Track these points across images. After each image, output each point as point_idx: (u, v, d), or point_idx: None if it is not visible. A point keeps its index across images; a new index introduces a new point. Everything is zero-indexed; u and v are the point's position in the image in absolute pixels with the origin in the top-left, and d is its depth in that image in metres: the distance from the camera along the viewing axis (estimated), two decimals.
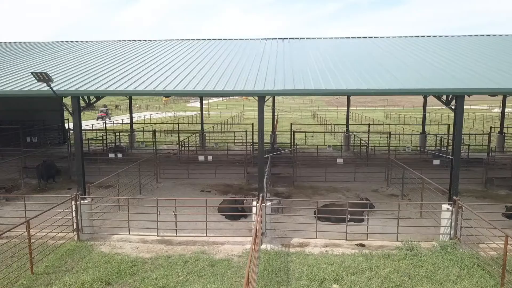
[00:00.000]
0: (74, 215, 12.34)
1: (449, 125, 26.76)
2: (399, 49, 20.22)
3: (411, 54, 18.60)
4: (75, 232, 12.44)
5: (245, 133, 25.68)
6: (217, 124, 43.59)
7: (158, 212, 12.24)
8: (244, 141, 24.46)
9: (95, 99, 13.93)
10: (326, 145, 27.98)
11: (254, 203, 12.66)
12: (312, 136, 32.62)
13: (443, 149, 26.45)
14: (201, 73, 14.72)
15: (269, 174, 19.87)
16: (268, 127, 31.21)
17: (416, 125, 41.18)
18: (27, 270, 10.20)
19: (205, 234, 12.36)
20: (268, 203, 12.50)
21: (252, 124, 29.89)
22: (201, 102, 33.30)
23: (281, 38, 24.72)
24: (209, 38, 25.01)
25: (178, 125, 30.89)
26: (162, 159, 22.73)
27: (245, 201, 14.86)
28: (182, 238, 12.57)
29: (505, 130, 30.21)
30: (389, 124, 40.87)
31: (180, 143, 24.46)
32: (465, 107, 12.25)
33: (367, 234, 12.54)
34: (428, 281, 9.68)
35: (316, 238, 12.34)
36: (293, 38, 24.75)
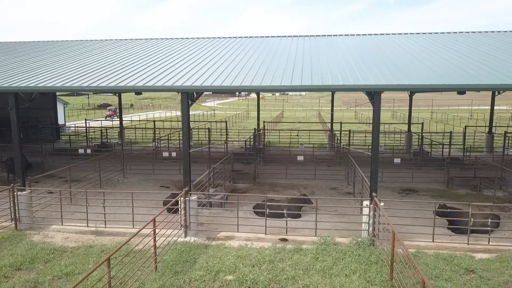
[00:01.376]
0: (11, 205, 13.01)
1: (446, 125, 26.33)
2: (432, 44, 19.74)
3: (445, 49, 18.21)
4: (13, 222, 13.12)
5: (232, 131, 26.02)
6: (218, 122, 44.11)
7: (88, 204, 12.77)
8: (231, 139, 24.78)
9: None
10: (302, 143, 28.04)
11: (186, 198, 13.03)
12: (297, 135, 32.68)
13: (424, 147, 26.17)
14: (220, 69, 14.92)
15: (230, 171, 20.26)
16: (283, 126, 31.50)
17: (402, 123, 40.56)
18: None
19: (136, 226, 12.79)
20: (194, 197, 12.84)
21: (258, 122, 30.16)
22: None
23: (307, 36, 24.24)
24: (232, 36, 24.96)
25: (151, 124, 31.51)
26: (130, 155, 23.35)
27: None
28: (113, 229, 13.07)
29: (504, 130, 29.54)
30: (388, 123, 40.40)
31: (157, 140, 25.03)
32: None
33: (286, 228, 12.73)
34: (321, 274, 9.84)
35: (238, 231, 12.63)
36: (319, 35, 24.34)
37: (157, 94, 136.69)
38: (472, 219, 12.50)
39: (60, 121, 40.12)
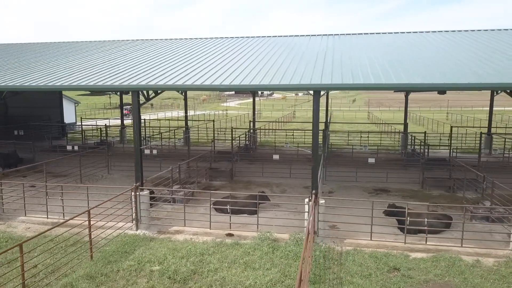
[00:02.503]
0: None
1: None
2: (466, 42, 19.46)
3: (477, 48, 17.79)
4: None
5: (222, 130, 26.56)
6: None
7: (47, 197, 13.55)
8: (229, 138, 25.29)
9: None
10: (287, 143, 28.25)
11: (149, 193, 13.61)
12: (293, 135, 32.84)
13: (416, 148, 25.89)
14: (250, 68, 15.17)
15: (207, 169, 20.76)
16: (295, 126, 31.91)
17: (396, 123, 39.94)
18: None
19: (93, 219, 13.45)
20: (145, 192, 13.40)
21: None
22: (185, 100, 34.49)
23: (337, 34, 23.99)
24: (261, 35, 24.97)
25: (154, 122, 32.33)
26: (117, 153, 24.17)
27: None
28: (75, 221, 13.76)
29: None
30: (389, 123, 39.97)
31: (147, 138, 25.81)
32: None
33: (230, 224, 13.09)
34: (243, 267, 10.19)
35: (185, 226, 13.11)
36: (349, 34, 24.08)
37: (179, 94, 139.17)
38: (411, 218, 12.56)
39: (71, 119, 41.75)
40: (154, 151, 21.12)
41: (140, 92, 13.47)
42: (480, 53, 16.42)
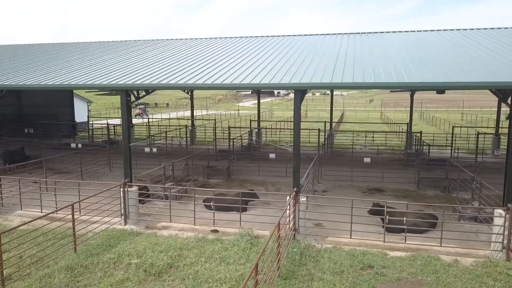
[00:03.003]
0: None
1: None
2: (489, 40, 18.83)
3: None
4: None
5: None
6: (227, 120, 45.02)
7: (41, 192, 14.08)
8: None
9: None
10: (287, 142, 28.35)
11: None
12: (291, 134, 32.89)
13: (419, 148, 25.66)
14: (260, 68, 15.07)
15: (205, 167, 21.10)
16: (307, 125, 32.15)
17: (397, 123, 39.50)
18: None
19: (84, 214, 13.91)
20: (134, 188, 13.78)
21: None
22: (191, 99, 34.97)
23: (352, 33, 23.68)
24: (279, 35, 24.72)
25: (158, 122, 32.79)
26: (118, 150, 24.69)
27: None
28: (68, 216, 14.26)
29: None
30: (387, 123, 39.57)
31: (151, 137, 26.33)
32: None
33: (214, 220, 13.34)
34: (218, 261, 10.44)
35: (170, 222, 13.45)
36: (365, 33, 23.56)
37: (196, 94, 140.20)
38: (394, 217, 12.59)
39: (84, 118, 42.73)
40: (154, 149, 21.55)
41: (131, 92, 13.85)
42: (487, 51, 16.11)
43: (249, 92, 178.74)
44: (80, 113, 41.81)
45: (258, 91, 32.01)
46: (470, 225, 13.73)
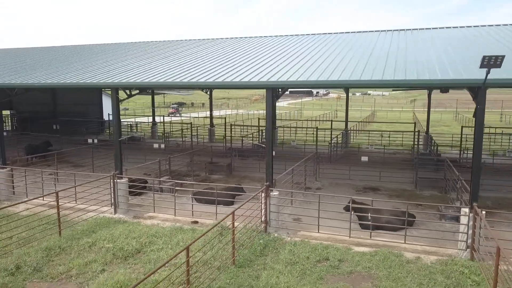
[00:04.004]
0: None
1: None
2: None
3: None
4: None
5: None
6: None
7: (43, 182, 15.38)
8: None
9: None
10: (294, 140, 28.56)
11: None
12: (313, 133, 33.00)
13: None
14: (306, 65, 14.80)
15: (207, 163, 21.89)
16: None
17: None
18: None
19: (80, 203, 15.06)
20: (123, 180, 14.76)
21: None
22: (210, 99, 35.89)
23: (402, 29, 22.58)
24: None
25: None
26: (132, 147, 25.96)
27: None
28: (63, 204, 15.50)
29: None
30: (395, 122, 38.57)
31: (166, 135, 27.49)
32: None
33: (192, 212, 14.03)
34: (182, 247, 11.02)
35: (154, 212, 14.31)
36: (415, 29, 22.40)
37: (233, 94, 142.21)
38: (366, 214, 12.76)
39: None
40: (162, 145, 22.62)
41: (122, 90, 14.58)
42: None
43: (287, 92, 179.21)
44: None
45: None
46: (451, 225, 13.59)
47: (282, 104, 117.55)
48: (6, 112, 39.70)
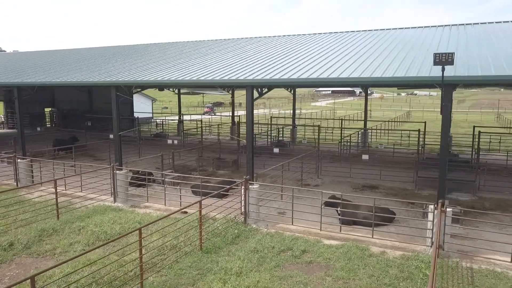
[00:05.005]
0: (14, 169, 17.90)
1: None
2: None
3: None
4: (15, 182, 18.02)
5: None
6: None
7: (54, 171, 16.86)
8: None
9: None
10: (304, 139, 28.74)
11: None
12: (332, 132, 33.11)
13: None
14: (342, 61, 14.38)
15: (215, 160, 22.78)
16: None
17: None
18: None
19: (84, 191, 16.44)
20: (122, 172, 15.92)
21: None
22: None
23: (454, 25, 21.20)
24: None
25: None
26: (147, 143, 27.20)
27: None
28: (72, 193, 16.95)
29: None
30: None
31: (184, 132, 28.65)
32: None
33: (180, 202, 14.90)
34: (161, 235, 11.96)
35: (148, 202, 15.36)
36: (468, 24, 21.05)
37: (274, 94, 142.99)
38: (344, 209, 13.05)
39: (149, 114, 47.04)
40: (175, 141, 23.80)
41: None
42: None
43: (329, 92, 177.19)
44: (147, 110, 46.18)
45: (294, 90, 32.84)
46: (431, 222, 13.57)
47: (320, 104, 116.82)
48: (46, 109, 42.85)
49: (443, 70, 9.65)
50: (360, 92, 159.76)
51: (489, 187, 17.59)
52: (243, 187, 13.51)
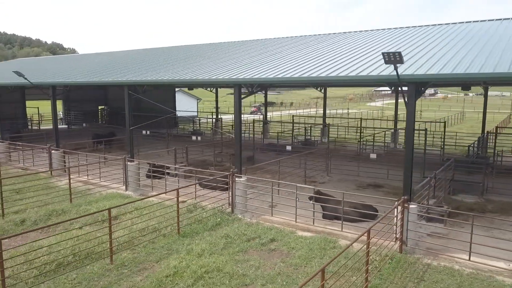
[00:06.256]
0: (48, 159, 20.26)
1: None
2: None
3: None
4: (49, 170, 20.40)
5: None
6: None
7: (78, 162, 18.91)
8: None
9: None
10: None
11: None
12: (356, 131, 32.88)
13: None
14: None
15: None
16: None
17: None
18: None
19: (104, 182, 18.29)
20: (134, 163, 17.52)
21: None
22: (265, 97, 37.59)
23: None
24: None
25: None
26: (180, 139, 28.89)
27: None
28: (100, 183, 18.87)
29: None
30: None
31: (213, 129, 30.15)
32: None
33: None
34: (152, 218, 13.25)
35: (152, 191, 16.76)
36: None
37: (330, 93, 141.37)
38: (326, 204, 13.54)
39: (194, 113, 49.37)
40: (199, 138, 25.27)
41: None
42: None
43: (389, 92, 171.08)
44: (193, 109, 48.52)
45: (321, 86, 33.07)
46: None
47: (376, 104, 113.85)
48: (100, 107, 46.63)
49: (395, 68, 9.95)
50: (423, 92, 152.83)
51: (499, 189, 17.02)
52: (230, 179, 14.45)
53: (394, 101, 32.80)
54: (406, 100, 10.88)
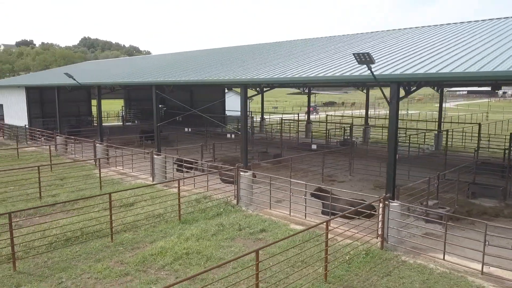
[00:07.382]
0: (94, 151, 22.66)
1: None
2: None
3: None
4: (93, 160, 22.78)
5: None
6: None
7: (116, 155, 20.99)
8: None
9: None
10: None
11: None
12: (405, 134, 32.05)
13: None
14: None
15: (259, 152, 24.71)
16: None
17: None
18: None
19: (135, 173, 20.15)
20: (160, 156, 19.10)
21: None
22: (308, 96, 37.86)
23: None
24: None
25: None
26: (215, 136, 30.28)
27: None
28: (132, 174, 20.80)
29: None
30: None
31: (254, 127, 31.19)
32: None
33: (194, 184, 17.28)
34: (158, 204, 14.63)
35: (172, 182, 18.19)
36: None
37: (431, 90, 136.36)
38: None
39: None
40: (233, 135, 26.50)
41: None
42: None
43: (465, 92, 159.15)
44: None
45: (368, 87, 32.74)
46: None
47: (447, 105, 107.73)
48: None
49: (369, 69, 10.27)
50: (504, 93, 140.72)
51: None
52: (235, 174, 15.42)
53: (468, 102, 31.46)
54: (388, 99, 11.09)
